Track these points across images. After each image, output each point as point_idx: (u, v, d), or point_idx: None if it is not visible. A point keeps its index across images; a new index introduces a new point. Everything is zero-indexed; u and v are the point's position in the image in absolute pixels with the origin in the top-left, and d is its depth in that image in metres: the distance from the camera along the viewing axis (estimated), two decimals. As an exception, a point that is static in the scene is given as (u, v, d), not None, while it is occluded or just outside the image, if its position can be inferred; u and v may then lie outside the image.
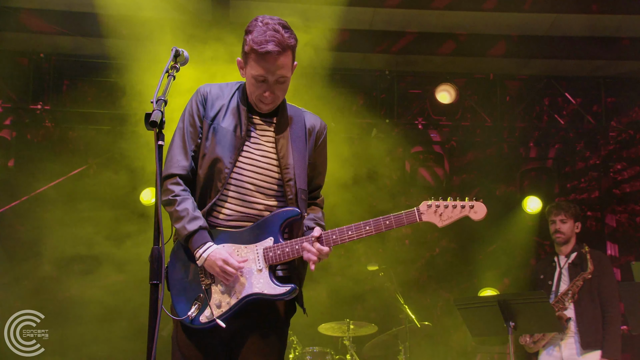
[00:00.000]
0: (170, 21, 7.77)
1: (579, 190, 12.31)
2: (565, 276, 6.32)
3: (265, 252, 3.40)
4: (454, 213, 3.50)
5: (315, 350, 7.26)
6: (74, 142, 11.26)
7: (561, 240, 6.43)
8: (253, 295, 3.38)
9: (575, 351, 6.09)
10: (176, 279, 3.47)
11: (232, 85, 3.61)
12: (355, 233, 3.41)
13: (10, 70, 8.80)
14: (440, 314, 11.60)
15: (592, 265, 6.17)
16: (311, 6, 7.74)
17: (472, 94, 9.31)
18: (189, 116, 3.51)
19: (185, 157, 3.46)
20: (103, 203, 11.25)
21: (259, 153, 3.51)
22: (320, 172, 3.74)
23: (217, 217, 3.47)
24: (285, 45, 3.33)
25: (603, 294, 6.20)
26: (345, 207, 9.66)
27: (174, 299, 3.45)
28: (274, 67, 3.35)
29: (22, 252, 10.95)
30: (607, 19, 8.18)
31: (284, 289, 3.37)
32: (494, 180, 12.01)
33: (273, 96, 3.44)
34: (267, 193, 3.50)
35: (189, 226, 3.34)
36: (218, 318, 3.35)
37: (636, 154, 11.76)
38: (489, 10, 7.90)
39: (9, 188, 11.00)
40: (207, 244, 3.36)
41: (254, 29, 3.35)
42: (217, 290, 3.41)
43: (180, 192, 3.41)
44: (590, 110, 9.59)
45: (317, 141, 3.66)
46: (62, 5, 8.00)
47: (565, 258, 6.42)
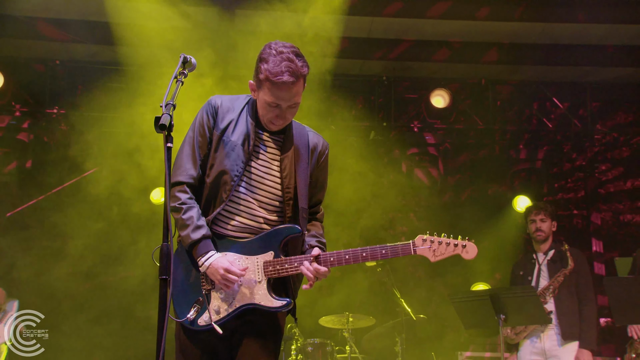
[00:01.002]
0: (178, 30, 7.77)
1: (566, 190, 12.30)
2: (544, 272, 6.35)
3: (265, 265, 3.39)
4: (447, 250, 3.48)
5: (316, 342, 7.25)
6: (88, 144, 11.27)
7: (541, 238, 6.46)
8: (250, 305, 3.38)
9: (556, 342, 6.11)
10: (178, 281, 3.45)
11: (243, 98, 3.57)
12: (352, 258, 3.41)
13: (28, 77, 8.81)
14: (435, 308, 11.59)
15: (572, 262, 6.20)
16: (312, 16, 7.73)
17: (465, 98, 9.30)
18: (199, 126, 3.48)
19: (193, 165, 3.44)
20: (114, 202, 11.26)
21: (263, 170, 3.48)
22: (321, 188, 3.72)
23: (220, 226, 3.45)
24: (299, 74, 3.30)
25: (580, 289, 6.24)
26: (345, 205, 9.66)
27: (174, 300, 3.42)
28: (289, 95, 3.33)
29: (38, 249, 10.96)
30: (593, 27, 8.18)
31: (280, 303, 3.37)
32: (485, 180, 11.99)
33: (284, 120, 3.44)
34: (268, 209, 3.48)
35: (193, 235, 3.32)
36: (215, 323, 3.33)
37: (620, 155, 11.74)
38: (482, 19, 7.90)
39: (26, 188, 11.01)
40: (210, 252, 3.34)
41: (269, 58, 3.30)
42: (216, 297, 3.39)
43: (186, 200, 3.38)
44: (577, 114, 9.58)
45: (318, 160, 3.63)
46: (76, 15, 8.00)
47: (543, 255, 6.44)
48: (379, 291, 11.47)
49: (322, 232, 3.70)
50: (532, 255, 6.54)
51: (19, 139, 8.60)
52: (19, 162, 8.59)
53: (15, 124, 8.62)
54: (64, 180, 11.18)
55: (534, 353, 6.17)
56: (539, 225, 6.44)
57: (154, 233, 9.57)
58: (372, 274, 11.31)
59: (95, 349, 9.31)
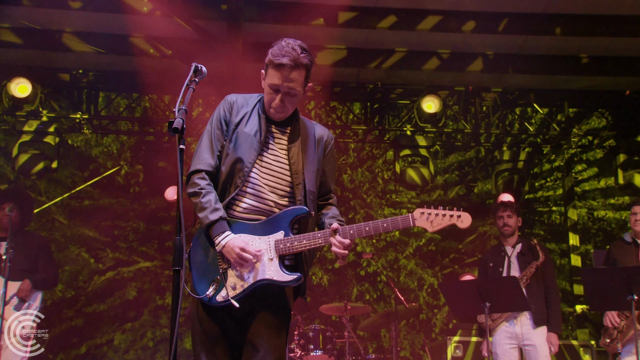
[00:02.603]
0: (190, 41, 7.77)
1: (545, 188, 12.32)
2: (514, 264, 6.35)
3: (276, 243, 3.39)
4: (444, 220, 3.46)
5: (317, 327, 7.23)
6: (108, 146, 11.28)
7: (508, 232, 6.46)
8: (264, 280, 3.37)
9: (530, 326, 6.11)
10: (197, 262, 3.46)
11: (255, 96, 3.60)
12: (356, 232, 3.40)
13: (55, 85, 8.83)
14: (426, 296, 11.60)
15: (543, 255, 6.20)
16: (314, 28, 7.72)
17: (453, 104, 9.29)
18: (216, 120, 3.53)
19: (211, 155, 3.48)
20: (134, 199, 11.26)
21: (273, 158, 3.50)
22: (330, 177, 3.71)
23: (234, 210, 3.46)
24: (298, 62, 3.34)
25: (547, 279, 6.25)
26: (343, 201, 9.67)
27: (194, 279, 3.44)
28: (286, 79, 3.35)
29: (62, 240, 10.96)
30: (570, 40, 8.16)
31: (291, 277, 3.37)
32: (472, 179, 12.02)
33: (282, 105, 3.43)
34: (278, 193, 3.48)
35: (210, 216, 3.35)
36: (232, 298, 3.33)
37: (594, 157, 11.75)
38: (468, 32, 7.89)
39: (52, 186, 11.03)
40: (226, 233, 3.36)
41: (275, 45, 3.40)
42: (232, 274, 3.39)
43: (205, 185, 3.43)
44: (555, 119, 9.57)
45: (325, 150, 3.64)
46: (97, 28, 7.98)
47: (512, 248, 6.44)
48: (375, 281, 11.48)
49: (338, 213, 3.70)
50: (500, 248, 6.54)
51: (46, 141, 8.58)
52: (47, 162, 8.57)
53: (43, 128, 8.60)
54: (87, 179, 11.20)
55: (509, 337, 6.17)
56: (506, 221, 6.45)
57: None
58: (368, 265, 11.33)
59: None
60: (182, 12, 7.45)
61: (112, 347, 10.86)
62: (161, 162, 8.82)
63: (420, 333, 11.19)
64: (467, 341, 7.72)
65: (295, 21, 7.57)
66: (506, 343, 6.16)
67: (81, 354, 10.63)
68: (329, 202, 3.73)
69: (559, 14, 7.83)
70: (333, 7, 7.56)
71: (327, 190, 3.71)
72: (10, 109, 8.44)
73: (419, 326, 11.42)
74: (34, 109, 8.49)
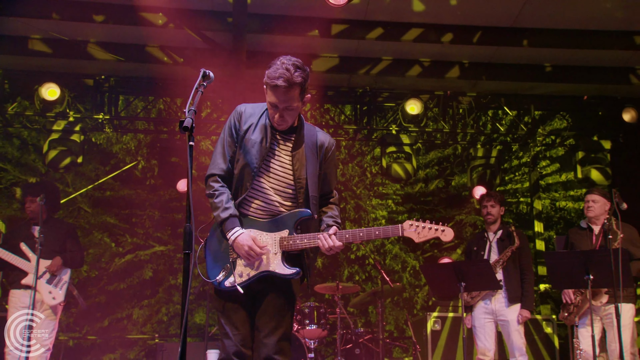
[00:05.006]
0: (199, 50, 7.75)
1: (514, 182, 12.33)
2: (494, 248, 6.33)
3: (281, 240, 3.40)
4: (429, 233, 3.45)
5: (311, 305, 7.22)
6: (127, 143, 11.24)
7: (491, 220, 6.43)
8: (267, 272, 3.39)
9: (504, 304, 6.10)
10: (212, 250, 3.48)
11: (262, 106, 3.55)
12: (351, 236, 3.41)
13: (80, 89, 8.79)
14: (409, 277, 11.61)
15: (518, 241, 6.18)
16: (310, 39, 7.69)
17: (433, 106, 9.27)
18: (228, 129, 3.51)
19: (224, 160, 3.48)
20: (150, 190, 11.22)
21: (278, 164, 3.48)
22: (331, 179, 3.67)
23: (245, 209, 3.46)
24: (291, 82, 3.28)
25: (522, 262, 6.22)
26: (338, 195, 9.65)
27: (208, 265, 3.46)
28: (282, 98, 3.32)
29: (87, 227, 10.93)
30: (535, 51, 8.16)
31: (291, 271, 3.38)
32: (449, 173, 12.01)
33: (282, 119, 3.41)
34: (282, 195, 3.47)
35: (222, 214, 3.38)
36: (239, 285, 3.35)
37: (556, 154, 11.77)
38: (446, 43, 7.87)
39: (78, 179, 10.99)
40: (236, 229, 3.37)
41: (272, 66, 3.34)
42: (240, 263, 3.40)
43: (218, 187, 3.44)
44: (523, 120, 9.56)
45: (326, 155, 3.59)
46: (118, 39, 7.94)
47: (493, 234, 6.42)
48: (364, 263, 11.48)
49: (338, 213, 3.68)
50: (484, 234, 6.53)
51: (72, 139, 8.56)
52: (73, 158, 8.55)
53: (69, 127, 8.57)
54: (108, 172, 11.17)
55: (486, 313, 6.17)
56: (489, 210, 6.43)
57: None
58: (357, 249, 11.33)
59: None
60: (193, 24, 7.42)
61: (131, 321, 10.85)
62: (174, 157, 8.82)
63: (403, 309, 11.21)
64: (445, 316, 7.73)
65: (293, 32, 7.55)
66: (483, 318, 6.17)
67: (104, 327, 10.62)
68: (330, 201, 3.69)
69: (526, 28, 7.83)
70: (327, 20, 7.53)
71: (328, 190, 3.67)
72: (41, 110, 8.40)
73: (402, 303, 11.44)
74: (62, 111, 8.46)
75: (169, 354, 7.35)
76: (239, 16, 7.14)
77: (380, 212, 11.81)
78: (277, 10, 7.50)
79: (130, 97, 9.33)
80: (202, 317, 10.40)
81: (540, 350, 7.77)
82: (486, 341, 6.12)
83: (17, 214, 9.89)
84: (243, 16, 7.10)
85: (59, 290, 6.01)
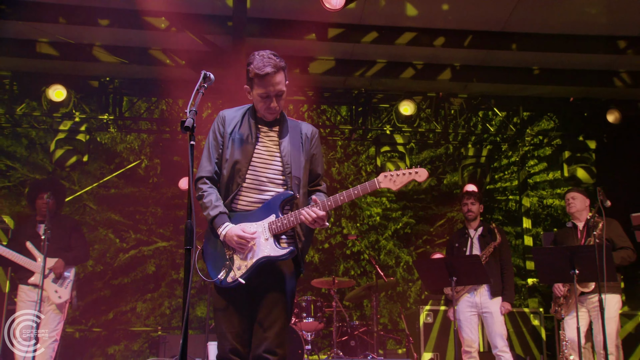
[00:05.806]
0: (200, 53, 7.74)
1: (503, 180, 12.35)
2: (476, 244, 6.33)
3: (269, 225, 3.37)
4: (404, 178, 3.39)
5: (309, 298, 7.23)
6: (131, 143, 11.23)
7: (471, 217, 6.44)
8: (263, 257, 3.35)
9: (487, 297, 6.11)
10: (209, 254, 3.47)
11: (243, 107, 3.60)
12: (333, 202, 3.35)
13: (85, 90, 8.78)
14: (402, 272, 11.63)
15: (500, 237, 6.21)
16: (307, 42, 7.69)
17: (426, 107, 9.28)
18: (212, 134, 3.54)
19: (209, 163, 3.49)
20: (153, 188, 11.20)
21: (267, 153, 3.48)
22: (318, 164, 3.66)
23: (237, 204, 3.44)
24: (278, 66, 3.36)
25: (502, 257, 6.24)
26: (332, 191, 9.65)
27: (209, 268, 3.46)
28: (273, 82, 3.36)
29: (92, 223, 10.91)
30: (524, 54, 8.16)
31: (285, 251, 3.36)
32: (442, 172, 12.03)
33: (277, 106, 3.44)
34: (275, 182, 3.45)
35: (212, 212, 3.38)
36: (240, 277, 3.34)
37: (544, 153, 11.79)
38: (439, 46, 7.87)
39: (84, 177, 10.98)
40: (225, 224, 3.36)
41: (254, 60, 3.38)
42: (237, 257, 3.39)
43: (206, 189, 3.45)
44: (512, 121, 9.58)
45: (311, 142, 3.60)
46: (122, 42, 7.93)
47: (474, 231, 6.42)
48: (358, 258, 11.50)
49: (325, 198, 3.63)
50: (464, 231, 6.53)
51: (78, 139, 8.54)
52: (79, 156, 8.54)
53: (75, 127, 8.56)
54: (113, 171, 11.15)
55: (470, 306, 6.18)
56: (470, 207, 6.44)
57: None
58: (353, 244, 11.34)
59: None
60: (194, 28, 7.41)
61: (135, 314, 10.86)
62: (176, 156, 8.82)
63: (397, 303, 11.24)
64: (437, 310, 7.74)
65: (291, 36, 7.54)
66: (467, 311, 6.18)
67: (109, 319, 10.63)
68: (318, 188, 3.68)
69: (515, 32, 7.84)
70: (323, 24, 7.53)
71: (316, 175, 3.65)
72: (48, 111, 8.39)
73: (396, 297, 11.46)
74: (68, 111, 8.46)
75: (171, 346, 7.36)
76: (238, 20, 7.13)
77: (375, 210, 11.83)
78: (275, 15, 7.50)
79: (134, 98, 9.32)
80: (203, 310, 10.39)
81: (528, 342, 7.80)
82: (471, 333, 6.14)
83: (27, 211, 9.89)
84: (243, 20, 7.10)
85: (65, 289, 5.98)
